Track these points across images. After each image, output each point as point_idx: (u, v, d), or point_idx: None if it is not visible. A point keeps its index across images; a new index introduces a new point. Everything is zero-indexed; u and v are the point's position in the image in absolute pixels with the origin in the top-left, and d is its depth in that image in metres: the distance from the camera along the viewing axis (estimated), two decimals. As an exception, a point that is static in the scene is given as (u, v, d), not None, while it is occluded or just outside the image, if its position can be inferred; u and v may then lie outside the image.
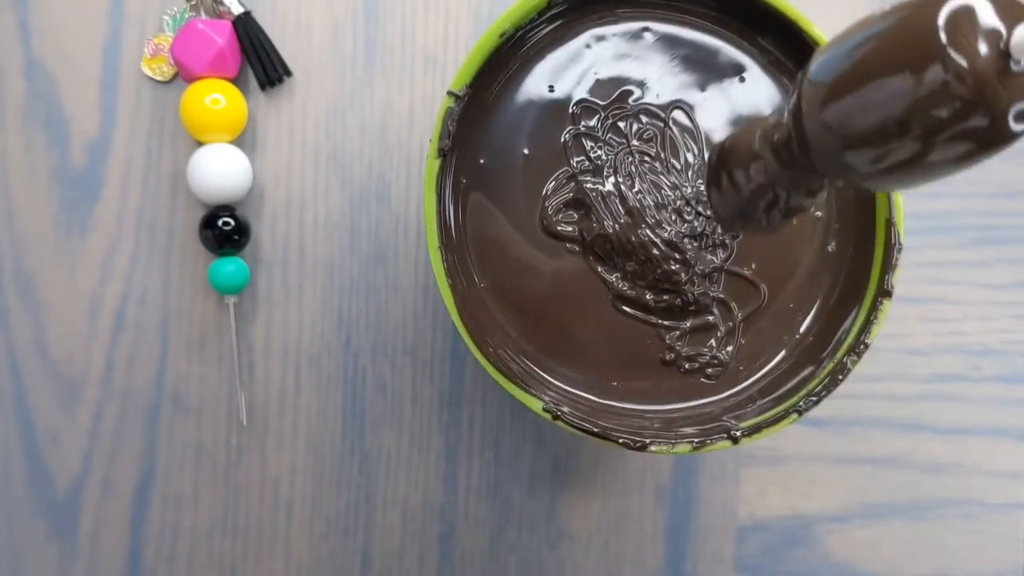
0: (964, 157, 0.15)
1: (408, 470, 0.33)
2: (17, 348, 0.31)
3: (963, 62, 0.14)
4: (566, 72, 0.26)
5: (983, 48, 0.14)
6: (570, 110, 0.25)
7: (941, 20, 0.14)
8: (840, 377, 0.25)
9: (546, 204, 0.25)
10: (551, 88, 0.26)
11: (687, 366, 0.26)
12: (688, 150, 0.26)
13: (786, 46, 0.26)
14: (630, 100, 0.26)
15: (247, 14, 0.31)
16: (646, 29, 0.26)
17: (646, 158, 0.25)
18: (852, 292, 0.26)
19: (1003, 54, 0.14)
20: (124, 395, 0.32)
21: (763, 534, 0.34)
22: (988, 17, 0.14)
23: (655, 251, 0.25)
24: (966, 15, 0.14)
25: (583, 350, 0.25)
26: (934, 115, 0.15)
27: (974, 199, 0.34)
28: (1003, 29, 0.14)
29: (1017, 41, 0.14)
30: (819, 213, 0.26)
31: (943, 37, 0.14)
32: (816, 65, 0.17)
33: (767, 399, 0.25)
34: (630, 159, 0.25)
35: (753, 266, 0.26)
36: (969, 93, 0.14)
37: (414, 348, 0.32)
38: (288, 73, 0.32)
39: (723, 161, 0.22)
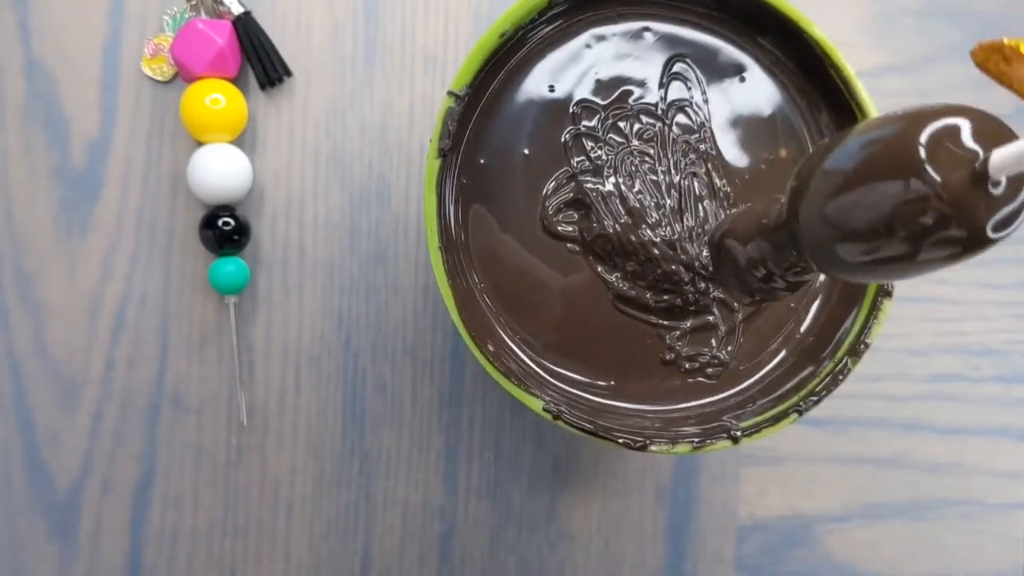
0: (950, 257, 0.16)
1: (408, 470, 0.33)
2: (17, 348, 0.31)
3: (939, 178, 0.15)
4: (566, 72, 0.26)
5: (960, 167, 0.15)
6: (570, 110, 0.25)
7: (924, 137, 0.15)
8: (840, 377, 0.25)
9: (546, 204, 0.25)
10: (551, 88, 0.26)
11: (687, 366, 0.26)
12: (688, 150, 0.26)
13: (786, 46, 0.26)
14: (630, 100, 0.26)
15: (247, 14, 0.31)
16: (646, 29, 0.26)
17: (646, 158, 0.25)
18: (852, 292, 0.26)
19: (980, 173, 0.15)
20: (124, 395, 0.32)
21: (763, 534, 0.34)
22: (968, 137, 0.15)
23: (655, 251, 0.25)
24: (948, 134, 0.15)
25: (583, 350, 0.25)
26: (919, 222, 0.15)
27: (974, 199, 0.34)
28: (980, 150, 0.15)
29: (995, 163, 0.15)
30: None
31: (923, 154, 0.15)
32: (832, 158, 0.18)
33: (767, 399, 0.25)
34: (630, 159, 0.25)
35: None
36: (946, 208, 0.15)
37: (414, 348, 0.32)
38: (288, 73, 0.32)
39: (724, 236, 0.22)
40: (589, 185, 0.25)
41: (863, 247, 0.17)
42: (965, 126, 0.15)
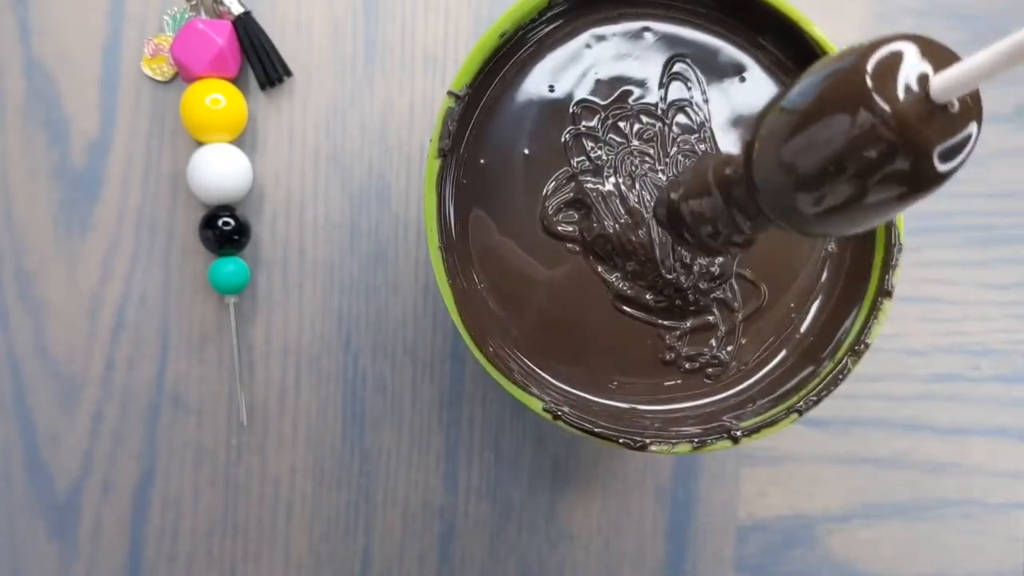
0: (897, 199, 0.16)
1: (408, 470, 0.33)
2: (17, 348, 0.31)
3: (886, 107, 0.15)
4: (566, 72, 0.26)
5: (907, 93, 0.15)
6: (570, 110, 0.25)
7: (870, 66, 0.15)
8: (840, 377, 0.25)
9: (546, 204, 0.25)
10: (551, 88, 0.26)
11: (687, 366, 0.26)
12: (689, 150, 0.26)
13: (786, 46, 0.26)
14: (630, 100, 0.26)
15: (247, 14, 0.31)
16: (646, 29, 0.26)
17: (646, 158, 0.25)
18: (852, 292, 0.26)
19: (927, 97, 0.15)
20: (124, 395, 0.32)
21: (763, 534, 0.34)
22: (914, 63, 0.15)
23: (655, 251, 0.25)
24: (893, 61, 0.15)
25: (583, 350, 0.25)
26: (865, 156, 0.15)
27: (974, 199, 0.34)
28: (930, 72, 0.15)
29: (936, 87, 0.15)
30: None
31: (870, 83, 0.15)
32: (786, 99, 0.17)
33: (767, 399, 0.25)
34: (630, 159, 0.25)
35: (753, 266, 0.26)
36: (893, 136, 0.15)
37: (414, 348, 0.32)
38: (288, 73, 0.32)
39: (680, 192, 0.22)
40: (589, 185, 0.25)
41: (816, 194, 0.16)
42: (910, 52, 0.15)
